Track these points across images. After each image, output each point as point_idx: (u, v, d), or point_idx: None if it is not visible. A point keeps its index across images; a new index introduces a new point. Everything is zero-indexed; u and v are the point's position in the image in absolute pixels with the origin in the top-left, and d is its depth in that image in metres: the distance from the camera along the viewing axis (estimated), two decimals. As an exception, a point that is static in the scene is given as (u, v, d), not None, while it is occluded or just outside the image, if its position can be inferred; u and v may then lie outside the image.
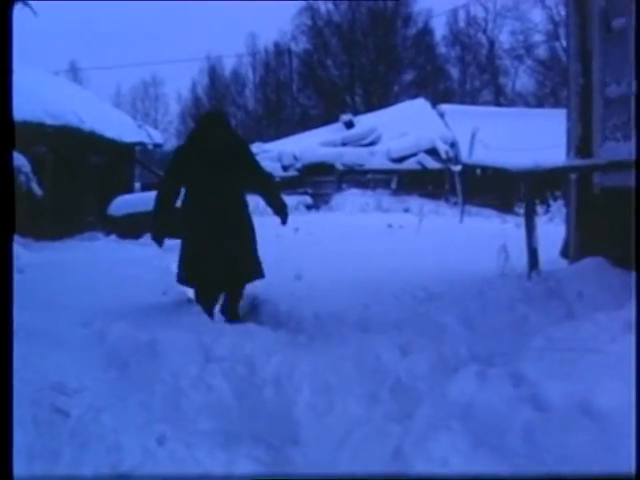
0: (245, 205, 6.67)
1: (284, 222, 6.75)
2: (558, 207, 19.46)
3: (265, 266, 6.75)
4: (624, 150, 7.36)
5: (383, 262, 8.84)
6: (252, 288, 6.92)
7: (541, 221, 15.33)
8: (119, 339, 4.37)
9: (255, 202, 7.39)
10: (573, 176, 8.31)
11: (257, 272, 6.61)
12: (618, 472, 2.53)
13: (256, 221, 6.79)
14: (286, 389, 3.45)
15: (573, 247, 8.28)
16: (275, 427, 3.36)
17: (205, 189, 6.46)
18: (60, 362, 4.00)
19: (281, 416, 3.38)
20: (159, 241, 6.57)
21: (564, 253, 8.54)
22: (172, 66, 62.91)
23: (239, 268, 6.53)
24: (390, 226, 15.76)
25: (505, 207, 25.05)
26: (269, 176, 7.96)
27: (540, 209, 21.00)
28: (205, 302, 6.44)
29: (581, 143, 8.11)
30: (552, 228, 10.97)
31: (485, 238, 8.04)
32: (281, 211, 6.69)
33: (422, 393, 3.30)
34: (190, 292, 6.86)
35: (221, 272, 6.43)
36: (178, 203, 6.64)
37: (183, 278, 6.62)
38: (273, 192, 6.90)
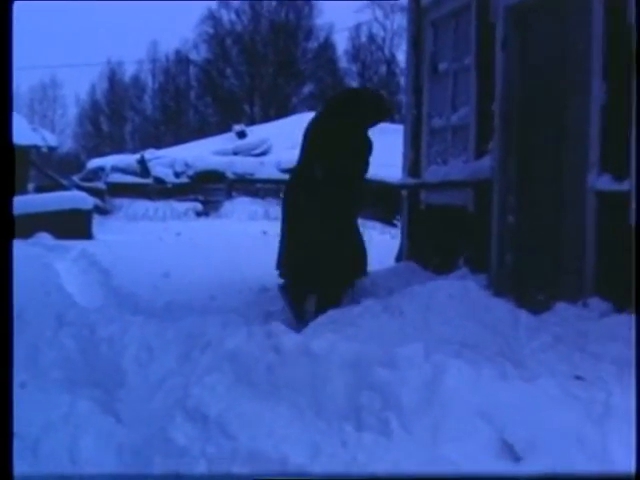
0: None
1: None
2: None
3: (141, 265, 7.69)
4: (441, 173, 8.80)
5: (242, 264, 10.05)
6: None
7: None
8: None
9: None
10: (404, 193, 9.70)
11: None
12: (618, 472, 3.04)
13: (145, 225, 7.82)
14: (117, 346, 4.60)
15: (405, 254, 9.65)
16: (108, 375, 4.51)
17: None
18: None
19: (112, 367, 4.53)
20: None
21: (398, 259, 9.91)
22: (72, 69, 62.84)
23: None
24: (265, 233, 16.62)
25: (389, 219, 26.43)
26: None
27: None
28: (297, 301, 6.35)
29: (412, 165, 9.47)
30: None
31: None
32: None
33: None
34: None
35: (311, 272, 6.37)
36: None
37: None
38: None
